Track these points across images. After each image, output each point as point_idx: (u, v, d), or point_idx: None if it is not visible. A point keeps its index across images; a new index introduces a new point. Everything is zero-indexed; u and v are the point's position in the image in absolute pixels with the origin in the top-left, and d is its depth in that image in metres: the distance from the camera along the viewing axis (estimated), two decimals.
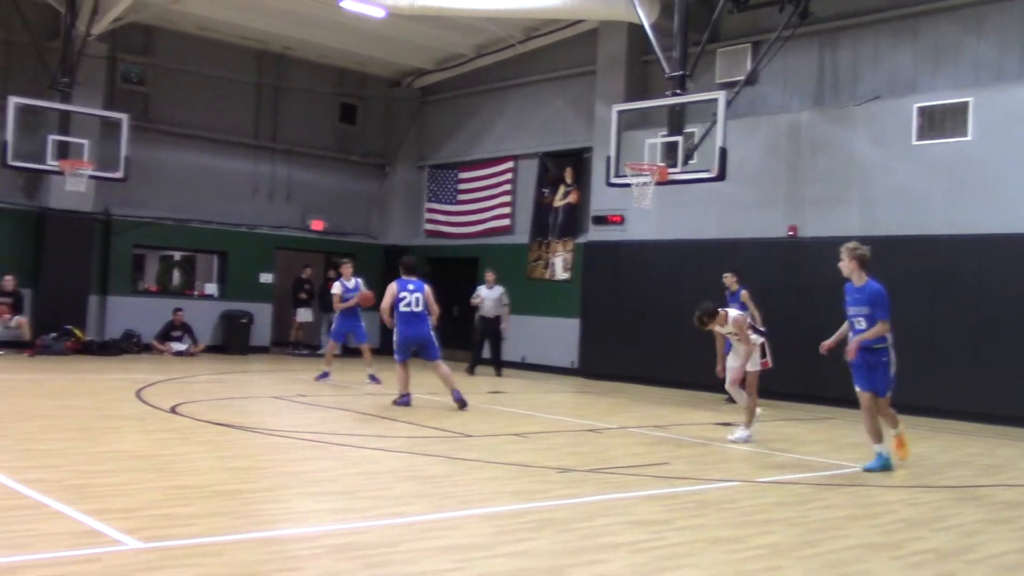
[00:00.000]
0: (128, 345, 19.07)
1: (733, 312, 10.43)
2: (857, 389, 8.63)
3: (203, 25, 20.18)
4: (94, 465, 7.31)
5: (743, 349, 10.31)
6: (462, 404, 11.97)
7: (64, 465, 7.24)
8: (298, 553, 5.11)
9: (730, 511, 6.71)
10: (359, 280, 15.70)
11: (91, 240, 19.19)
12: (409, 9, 17.71)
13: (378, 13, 18.24)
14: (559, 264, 20.00)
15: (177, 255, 22.31)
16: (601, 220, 18.74)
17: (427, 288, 12.22)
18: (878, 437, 8.66)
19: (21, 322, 17.83)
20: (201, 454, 8.08)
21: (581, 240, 19.46)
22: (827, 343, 8.93)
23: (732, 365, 10.52)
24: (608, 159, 15.20)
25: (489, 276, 18.24)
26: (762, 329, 10.94)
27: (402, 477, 7.45)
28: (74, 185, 16.69)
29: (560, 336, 19.51)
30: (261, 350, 21.23)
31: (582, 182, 19.63)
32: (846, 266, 8.51)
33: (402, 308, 11.97)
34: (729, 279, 14.42)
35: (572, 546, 5.49)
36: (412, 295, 12.03)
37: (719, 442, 10.19)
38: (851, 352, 8.41)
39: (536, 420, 11.73)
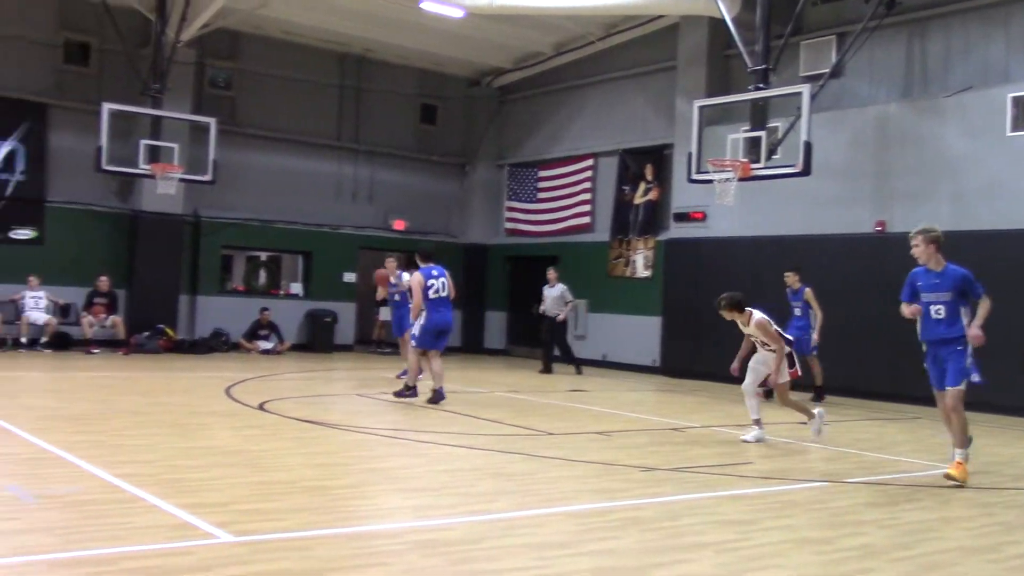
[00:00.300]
0: (217, 343, 19.53)
1: (758, 314, 9.73)
2: (935, 392, 7.98)
3: (287, 29, 20.55)
4: (186, 460, 7.50)
5: (772, 356, 9.72)
6: (438, 400, 11.86)
7: (158, 460, 7.45)
8: (383, 549, 5.17)
9: (818, 512, 6.59)
10: (403, 273, 15.78)
11: (181, 241, 19.71)
12: (488, 8, 17.79)
13: (457, 13, 18.37)
14: (640, 262, 19.88)
15: (263, 255, 22.77)
16: (682, 217, 18.57)
17: (447, 273, 12.26)
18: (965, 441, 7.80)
19: (116, 321, 18.40)
20: (288, 450, 8.23)
21: (662, 237, 19.31)
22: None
23: (755, 367, 9.90)
24: (689, 155, 15.05)
25: (551, 274, 18.17)
26: (788, 337, 10.20)
27: (485, 474, 7.49)
28: (165, 188, 17.14)
29: (641, 334, 19.39)
30: (345, 348, 21.54)
31: (663, 179, 19.48)
32: (922, 251, 7.89)
33: (431, 295, 11.92)
34: (791, 278, 14.19)
35: (656, 545, 5.45)
36: (439, 280, 12.05)
37: (805, 441, 10.01)
38: (978, 338, 7.63)
39: (618, 418, 11.68)
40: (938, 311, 7.81)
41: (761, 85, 14.43)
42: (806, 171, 13.66)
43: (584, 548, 5.31)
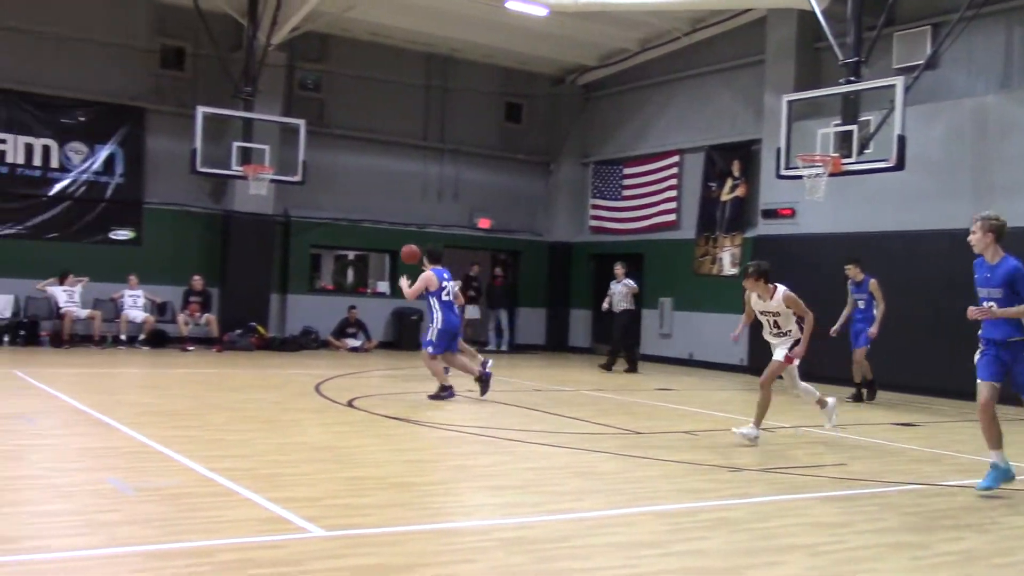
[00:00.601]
0: (307, 341, 19.89)
1: (783, 288, 9.13)
2: (979, 381, 7.16)
3: (374, 31, 20.82)
4: (279, 455, 7.65)
5: (784, 343, 9.26)
6: (441, 397, 11.85)
7: (251, 455, 7.61)
8: (471, 545, 5.20)
9: (914, 515, 6.42)
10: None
11: (272, 241, 20.13)
12: (572, 6, 17.75)
13: (541, 12, 18.37)
14: (727, 259, 19.62)
15: (351, 254, 23.12)
16: (771, 214, 18.27)
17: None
18: (997, 442, 7.18)
19: (210, 319, 18.88)
20: (377, 447, 8.34)
21: (750, 234, 19.03)
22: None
23: (779, 357, 9.38)
24: (778, 151, 14.79)
25: (618, 270, 17.95)
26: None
27: (571, 473, 7.47)
28: (256, 189, 17.54)
29: (728, 332, 19.07)
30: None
31: (750, 175, 19.19)
32: (977, 239, 7.13)
33: (444, 297, 11.94)
34: (852, 269, 13.85)
35: (747, 546, 5.37)
36: (449, 283, 12.10)
37: (899, 442, 9.76)
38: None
39: (705, 418, 11.55)
40: (991, 308, 7.03)
41: (853, 78, 14.10)
42: (900, 165, 13.32)
43: (672, 548, 5.26)
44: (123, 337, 18.01)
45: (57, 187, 18.64)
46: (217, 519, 5.47)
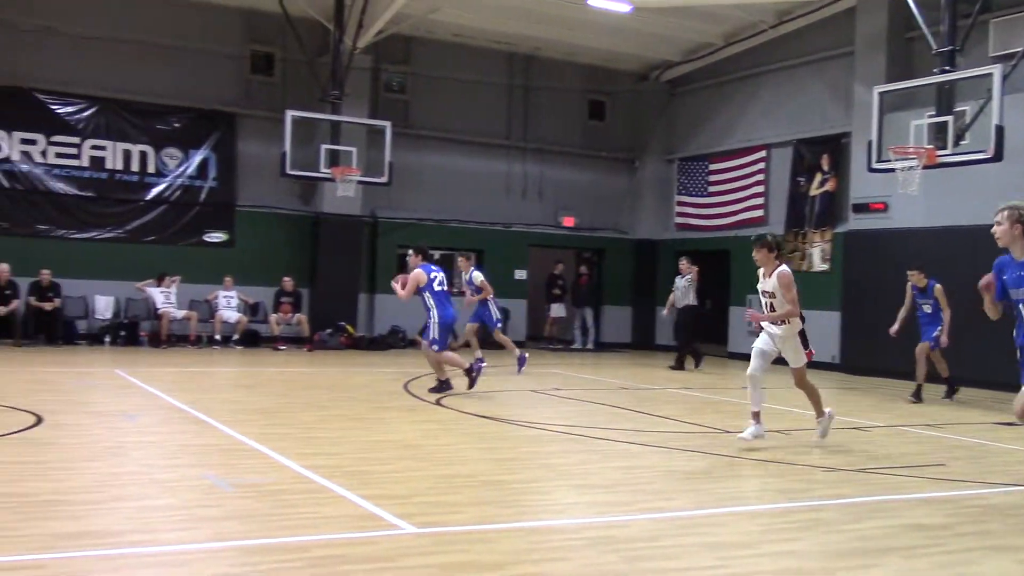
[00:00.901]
0: (395, 340, 20.14)
1: (784, 267, 8.75)
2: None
3: (457, 32, 20.97)
4: (369, 453, 7.78)
5: (779, 334, 8.61)
6: (441, 390, 11.91)
7: (343, 452, 7.75)
8: (561, 544, 5.21)
9: (1019, 517, 6.22)
10: (475, 272, 15.80)
11: (359, 242, 20.43)
12: (655, 2, 17.62)
13: (624, 8, 18.27)
14: (817, 255, 19.26)
15: (436, 254, 23.28)
16: (862, 208, 17.87)
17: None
18: None
19: (301, 319, 19.26)
20: (466, 445, 8.41)
21: (840, 229, 18.64)
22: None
23: (762, 349, 8.75)
24: (869, 143, 14.46)
25: (683, 265, 17.67)
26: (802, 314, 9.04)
27: (661, 472, 7.43)
28: (344, 190, 17.82)
29: (819, 329, 18.70)
30: (516, 344, 21.72)
31: (840, 169, 18.79)
32: (1004, 231, 6.28)
33: (436, 287, 11.97)
34: (916, 276, 13.41)
35: (841, 548, 5.27)
36: (440, 273, 12.18)
37: (1001, 443, 9.46)
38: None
39: (796, 416, 11.36)
40: None
41: (947, 67, 13.71)
42: (998, 156, 12.90)
43: (765, 549, 5.20)
44: (217, 337, 18.49)
45: (154, 192, 19.24)
46: (311, 516, 5.59)
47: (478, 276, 15.44)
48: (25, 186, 18.20)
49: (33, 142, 18.27)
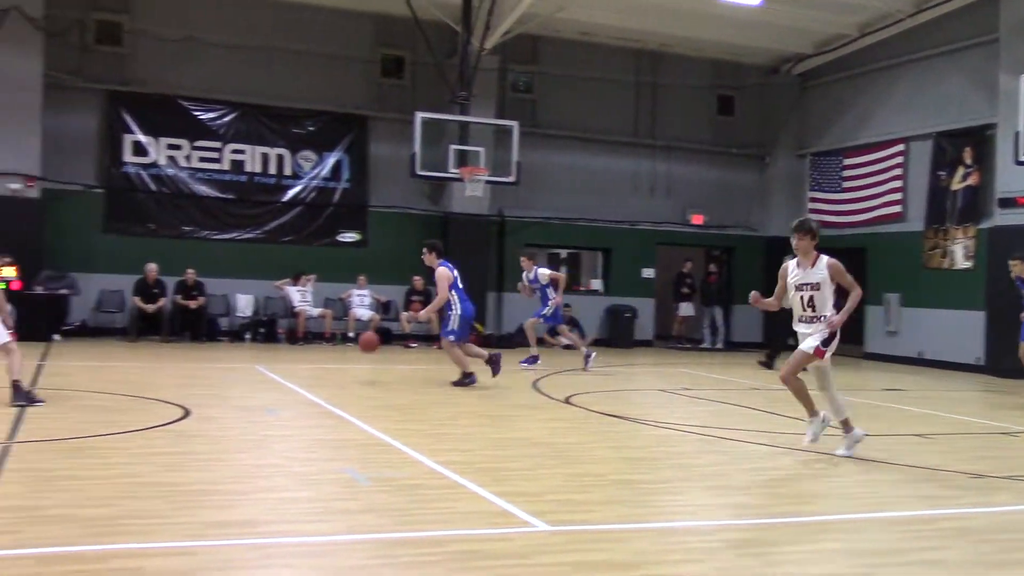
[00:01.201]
0: (522, 338, 20.20)
1: (827, 256, 7.87)
2: None
3: (584, 30, 20.93)
4: (500, 450, 7.85)
5: (812, 336, 7.72)
6: (464, 383, 12.12)
7: (474, 449, 7.85)
8: (696, 546, 5.15)
9: None
10: (538, 269, 15.54)
11: (487, 241, 20.63)
12: None
13: (754, 1, 17.92)
14: (959, 252, 18.48)
15: (563, 253, 23.36)
16: (1009, 202, 17.05)
17: None
18: None
19: (431, 317, 19.52)
20: (595, 443, 8.40)
21: (984, 225, 17.84)
22: None
23: (797, 354, 7.91)
24: (1016, 135, 13.84)
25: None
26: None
27: (795, 475, 7.27)
28: (472, 190, 18.03)
29: (962, 330, 18.02)
30: (644, 344, 21.64)
31: (984, 162, 17.98)
32: None
33: (459, 284, 12.28)
34: (1019, 266, 12.63)
35: (990, 559, 5.06)
36: (457, 272, 12.43)
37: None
38: None
39: (938, 420, 10.94)
40: None
41: None
42: None
43: (908, 557, 5.02)
44: (351, 334, 18.93)
45: (290, 193, 19.88)
46: (446, 511, 5.67)
47: (545, 273, 15.41)
48: (171, 189, 19.06)
49: (178, 147, 19.13)
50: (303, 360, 15.46)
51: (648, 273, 22.22)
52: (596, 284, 22.26)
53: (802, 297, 7.84)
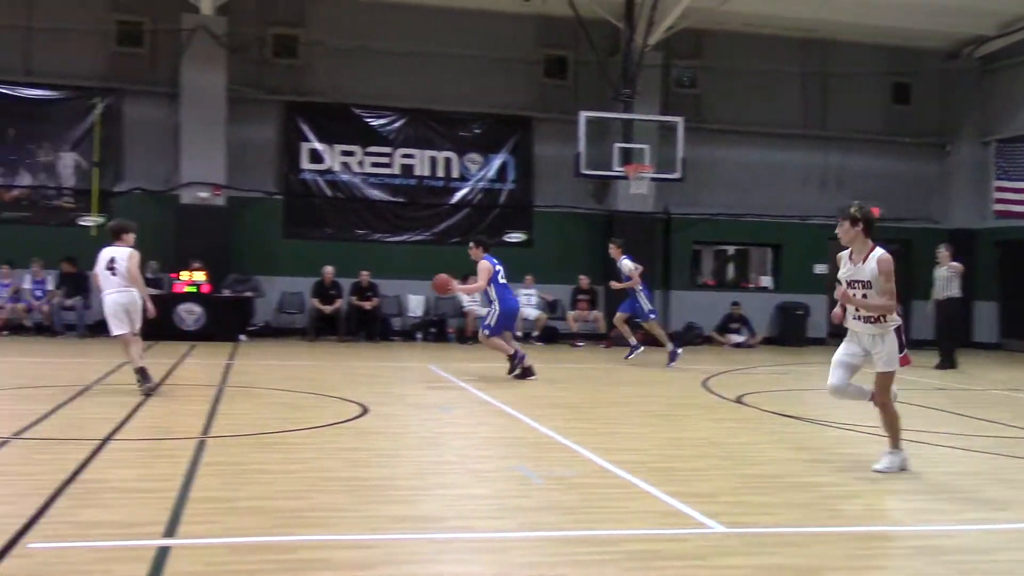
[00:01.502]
0: (690, 337, 19.98)
1: (881, 250, 6.85)
2: None
3: (749, 22, 20.47)
4: (673, 450, 7.77)
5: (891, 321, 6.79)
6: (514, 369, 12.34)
7: (645, 448, 7.80)
8: (881, 552, 4.97)
9: None
10: (624, 260, 14.86)
11: (653, 238, 20.46)
12: None
13: None
14: None
15: (731, 249, 22.92)
16: None
17: None
18: None
19: (597, 316, 19.59)
20: (770, 444, 8.21)
21: None
22: None
23: (844, 360, 7.15)
24: None
25: (943, 253, 16.04)
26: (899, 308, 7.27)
27: (990, 479, 6.89)
28: (637, 188, 17.93)
29: None
30: (817, 342, 20.95)
31: None
32: None
33: (500, 280, 12.37)
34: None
35: None
36: (503, 267, 12.41)
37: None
38: None
39: None
40: None
41: None
42: None
43: None
44: (519, 334, 19.14)
45: (457, 195, 20.31)
46: (619, 510, 5.67)
47: (627, 264, 14.97)
48: (345, 194, 19.80)
49: (351, 153, 19.86)
50: (473, 359, 15.73)
51: (820, 269, 21.53)
52: (765, 281, 21.73)
53: (855, 295, 6.97)
